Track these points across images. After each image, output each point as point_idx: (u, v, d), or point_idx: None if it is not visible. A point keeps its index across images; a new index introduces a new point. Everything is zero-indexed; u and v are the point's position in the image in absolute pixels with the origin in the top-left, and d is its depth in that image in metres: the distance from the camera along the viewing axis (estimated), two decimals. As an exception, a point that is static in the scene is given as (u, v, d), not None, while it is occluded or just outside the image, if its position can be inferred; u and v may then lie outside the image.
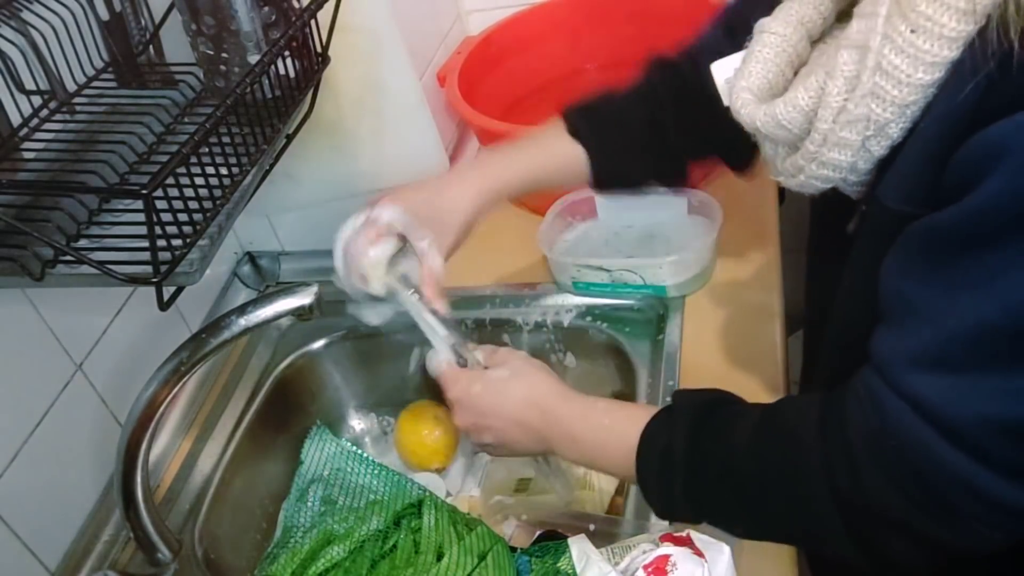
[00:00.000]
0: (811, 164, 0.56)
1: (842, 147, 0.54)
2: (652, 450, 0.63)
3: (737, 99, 0.60)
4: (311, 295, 0.72)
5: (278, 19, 0.75)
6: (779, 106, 0.56)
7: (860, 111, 0.51)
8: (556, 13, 1.26)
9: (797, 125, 0.56)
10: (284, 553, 0.65)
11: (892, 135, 0.52)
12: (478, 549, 0.63)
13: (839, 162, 0.54)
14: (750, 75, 0.60)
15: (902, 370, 0.50)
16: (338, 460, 0.70)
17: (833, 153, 0.54)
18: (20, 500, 0.74)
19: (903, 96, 0.49)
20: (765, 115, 0.58)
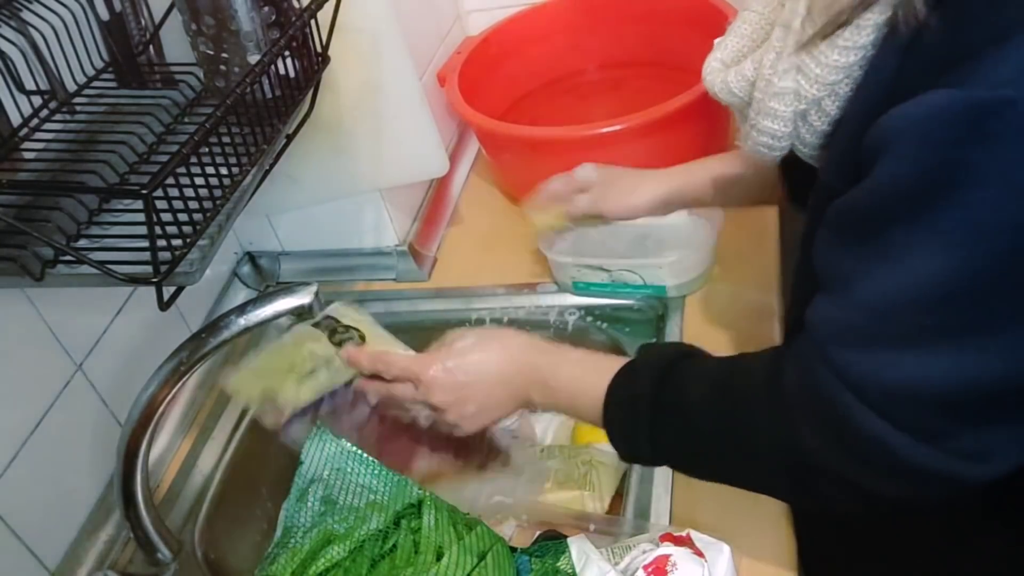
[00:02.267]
0: (753, 131, 0.60)
1: (774, 117, 0.57)
2: (618, 401, 0.66)
3: (707, 66, 0.66)
4: (311, 295, 0.72)
5: (278, 19, 0.75)
6: (731, 74, 0.61)
7: (786, 84, 0.55)
8: (556, 13, 1.26)
9: (745, 93, 0.60)
10: (284, 553, 0.65)
11: (829, 111, 0.54)
12: (478, 548, 0.63)
13: (774, 131, 0.58)
14: (725, 47, 0.65)
15: (825, 339, 0.53)
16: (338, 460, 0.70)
17: (767, 122, 0.58)
18: (20, 500, 0.74)
19: (824, 75, 0.52)
20: (721, 82, 0.63)
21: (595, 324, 0.96)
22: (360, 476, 0.69)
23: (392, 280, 1.08)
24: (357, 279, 1.09)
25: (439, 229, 1.13)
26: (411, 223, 1.10)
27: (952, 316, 0.47)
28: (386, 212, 1.04)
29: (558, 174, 0.92)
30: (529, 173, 1.12)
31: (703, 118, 0.98)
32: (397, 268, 1.07)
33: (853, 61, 0.50)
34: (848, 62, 0.51)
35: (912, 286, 0.47)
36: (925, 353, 0.49)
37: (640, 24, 1.23)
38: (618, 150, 1.02)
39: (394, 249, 1.07)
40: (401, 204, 1.07)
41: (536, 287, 1.01)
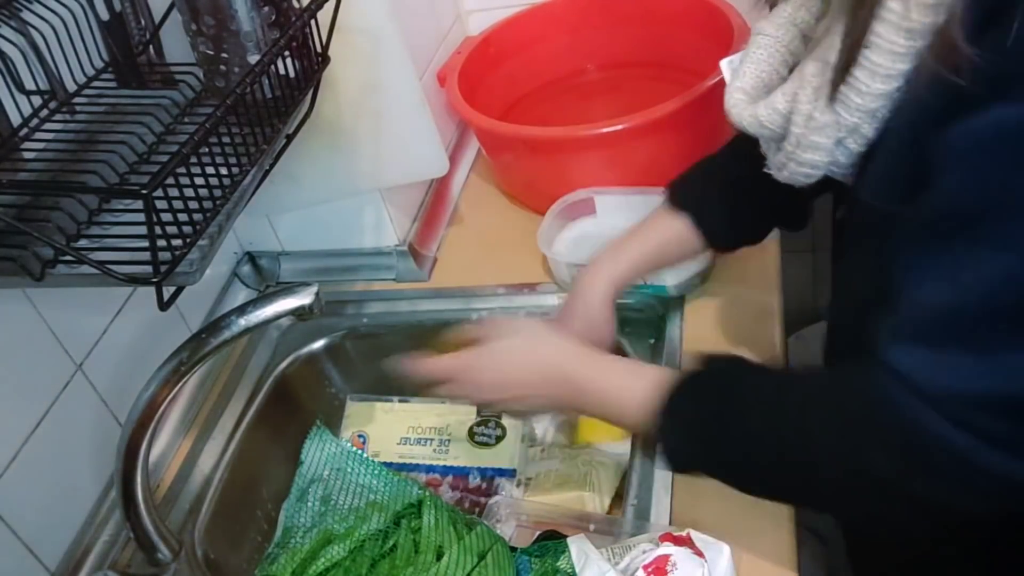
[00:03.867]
0: (791, 162, 0.60)
1: (815, 149, 0.58)
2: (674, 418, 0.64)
3: (730, 98, 0.65)
4: (311, 295, 0.72)
5: (278, 19, 0.75)
6: (761, 108, 0.61)
7: (827, 118, 0.56)
8: (556, 13, 1.26)
9: (777, 125, 0.60)
10: (284, 553, 0.65)
11: (866, 134, 0.55)
12: (478, 548, 0.63)
13: (815, 162, 0.58)
14: (744, 75, 0.65)
15: (887, 344, 0.53)
16: (338, 460, 0.70)
17: (807, 155, 0.58)
18: (20, 500, 0.74)
19: (866, 103, 0.53)
20: (750, 116, 0.62)
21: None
22: (360, 476, 0.69)
23: (392, 280, 1.08)
24: (357, 279, 1.09)
25: (439, 229, 1.13)
26: (411, 223, 1.10)
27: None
28: (386, 212, 1.04)
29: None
30: (529, 173, 1.12)
31: (703, 118, 0.98)
32: (397, 268, 1.07)
33: (894, 87, 0.52)
34: (889, 89, 0.52)
35: (983, 291, 0.48)
36: (995, 358, 0.49)
37: (640, 24, 1.23)
38: (618, 150, 1.02)
39: (394, 249, 1.07)
40: (401, 204, 1.07)
41: (536, 287, 1.01)
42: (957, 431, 0.50)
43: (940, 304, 0.50)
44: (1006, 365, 0.48)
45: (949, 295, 0.49)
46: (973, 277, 0.48)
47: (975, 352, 0.49)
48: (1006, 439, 0.50)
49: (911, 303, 0.52)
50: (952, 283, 0.49)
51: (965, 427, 0.50)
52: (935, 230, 0.50)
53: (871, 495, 0.57)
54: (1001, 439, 0.50)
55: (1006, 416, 0.49)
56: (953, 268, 0.49)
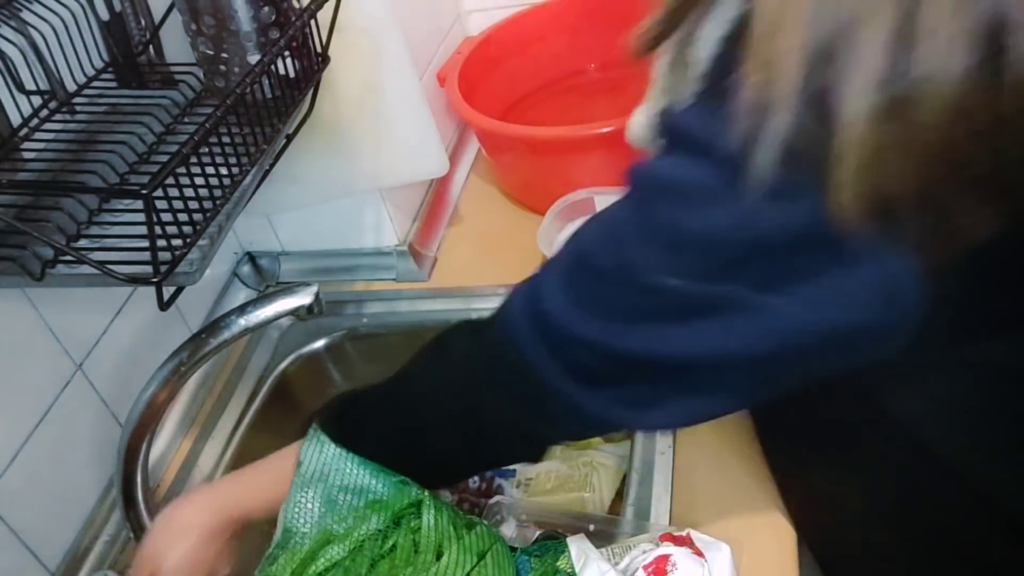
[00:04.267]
0: None
1: None
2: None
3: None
4: (311, 295, 0.72)
5: (278, 19, 0.75)
6: (635, 117, 0.65)
7: None
8: (556, 13, 1.26)
9: (644, 139, 0.63)
10: (284, 553, 0.65)
11: None
12: (477, 548, 0.63)
13: None
14: (640, 111, 0.67)
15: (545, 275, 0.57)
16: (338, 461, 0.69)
17: None
18: (20, 500, 0.74)
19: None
20: (637, 126, 0.65)
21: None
22: (359, 476, 0.69)
23: (392, 280, 1.08)
24: (357, 279, 1.09)
25: (439, 229, 1.13)
26: (411, 223, 1.10)
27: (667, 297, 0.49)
28: (386, 212, 1.04)
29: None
30: (529, 173, 1.12)
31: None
32: (397, 268, 1.07)
33: None
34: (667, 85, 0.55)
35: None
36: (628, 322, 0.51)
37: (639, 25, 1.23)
38: (618, 150, 1.02)
39: (394, 249, 1.07)
40: (401, 204, 1.07)
41: (536, 287, 1.01)
42: (566, 377, 0.54)
43: (592, 256, 0.52)
44: (641, 334, 0.50)
45: (602, 251, 0.52)
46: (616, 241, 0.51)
47: (613, 310, 0.51)
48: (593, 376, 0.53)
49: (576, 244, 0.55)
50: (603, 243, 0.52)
51: (578, 373, 0.53)
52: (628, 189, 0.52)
53: (491, 439, 0.61)
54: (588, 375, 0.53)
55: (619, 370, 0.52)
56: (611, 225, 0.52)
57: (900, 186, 0.40)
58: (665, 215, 0.47)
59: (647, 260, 0.48)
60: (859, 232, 0.41)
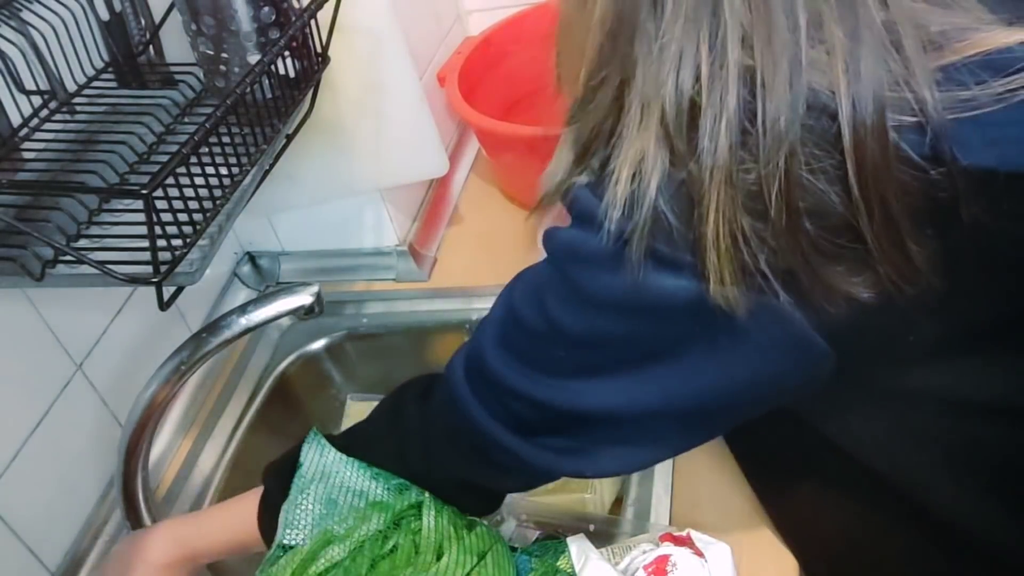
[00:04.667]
0: None
1: None
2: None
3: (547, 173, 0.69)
4: (311, 295, 0.72)
5: (278, 19, 0.75)
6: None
7: None
8: (556, 13, 1.26)
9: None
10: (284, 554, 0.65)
11: None
12: (478, 548, 0.63)
13: None
14: None
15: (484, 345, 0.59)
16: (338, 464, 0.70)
17: None
18: (21, 500, 0.74)
19: None
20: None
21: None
22: (359, 478, 0.69)
23: (392, 280, 1.08)
24: (357, 279, 1.09)
25: (439, 229, 1.13)
26: (411, 223, 1.10)
27: (576, 353, 0.52)
28: (386, 212, 1.04)
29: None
30: (529, 173, 1.12)
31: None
32: (397, 268, 1.07)
33: None
34: None
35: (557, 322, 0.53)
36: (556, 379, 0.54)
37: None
38: (618, 150, 1.02)
39: (394, 249, 1.07)
40: (401, 204, 1.07)
41: (536, 287, 1.01)
42: (483, 411, 0.57)
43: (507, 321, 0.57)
44: (568, 388, 0.53)
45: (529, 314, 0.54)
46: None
47: (537, 369, 0.54)
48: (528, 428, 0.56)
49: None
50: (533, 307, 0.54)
51: (490, 410, 0.57)
52: None
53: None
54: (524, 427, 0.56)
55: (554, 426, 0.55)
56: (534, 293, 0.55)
57: (765, 264, 0.43)
58: (573, 277, 0.50)
59: (563, 318, 0.51)
60: (743, 304, 0.44)
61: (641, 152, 0.45)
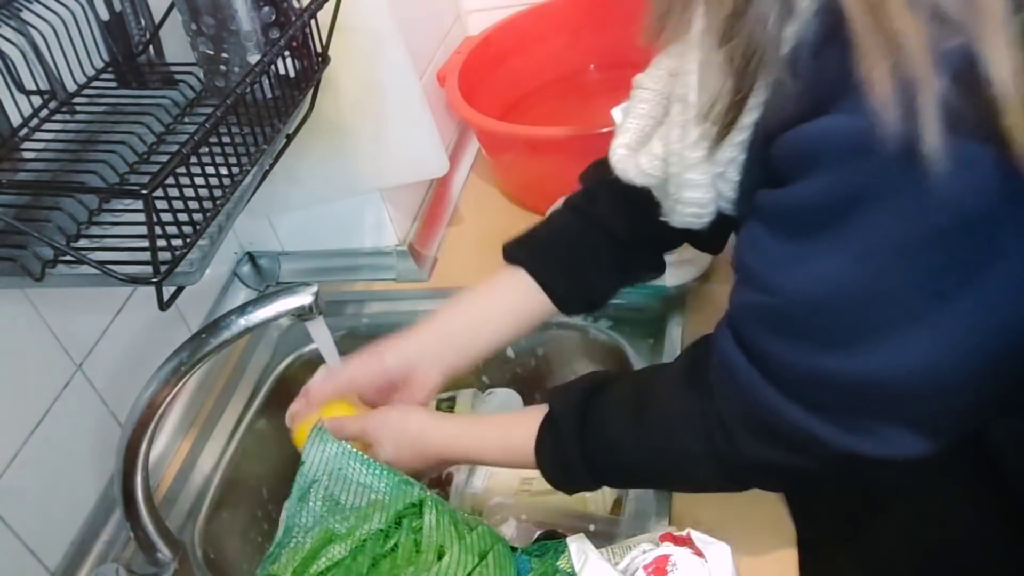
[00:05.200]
0: (677, 205, 0.60)
1: (693, 187, 0.58)
2: (552, 465, 0.67)
3: (614, 155, 0.65)
4: (311, 295, 0.72)
5: (278, 19, 0.75)
6: (642, 157, 0.62)
7: (698, 154, 0.56)
8: (556, 13, 1.26)
9: (659, 171, 0.61)
10: (285, 552, 0.65)
11: (742, 163, 0.55)
12: (479, 548, 0.63)
13: (697, 199, 0.58)
14: (627, 131, 0.65)
15: (741, 322, 0.56)
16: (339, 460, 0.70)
17: (687, 192, 0.58)
18: (20, 500, 0.74)
19: (734, 136, 0.53)
20: (634, 166, 0.62)
21: (595, 324, 0.96)
22: (361, 476, 0.69)
23: (392, 280, 1.08)
24: (357, 279, 1.09)
25: (439, 229, 1.13)
26: (411, 223, 1.10)
27: (861, 316, 0.49)
28: (386, 212, 1.04)
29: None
30: (529, 173, 1.12)
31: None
32: (397, 268, 1.07)
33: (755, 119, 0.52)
34: (748, 137, 0.53)
35: (828, 286, 0.49)
36: (827, 346, 0.50)
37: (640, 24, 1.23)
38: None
39: (394, 249, 1.07)
40: (401, 204, 1.07)
41: (536, 287, 1.01)
42: (804, 412, 0.53)
43: (792, 290, 0.51)
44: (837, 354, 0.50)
45: (799, 284, 0.50)
46: (823, 271, 0.49)
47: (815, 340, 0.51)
48: (833, 410, 0.53)
49: (764, 286, 0.53)
50: (805, 274, 0.50)
51: (811, 408, 0.53)
52: (796, 220, 0.50)
53: (734, 465, 0.60)
54: (829, 410, 0.53)
55: (837, 393, 0.52)
56: (809, 260, 0.49)
57: None
58: (859, 227, 0.46)
59: (844, 273, 0.48)
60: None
61: (892, 35, 0.40)
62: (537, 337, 1.00)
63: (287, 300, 0.71)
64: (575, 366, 1.00)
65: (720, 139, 0.54)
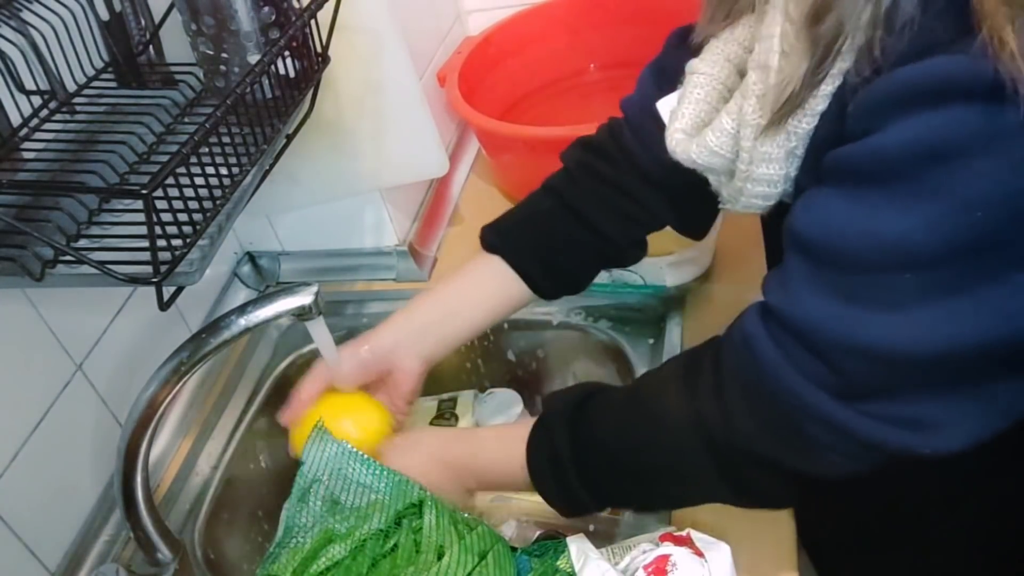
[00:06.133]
0: (747, 183, 0.58)
1: (768, 161, 0.55)
2: (540, 460, 0.66)
3: (671, 139, 0.63)
4: (311, 295, 0.72)
5: (278, 19, 0.75)
6: (708, 134, 0.59)
7: (768, 149, 0.54)
8: (556, 13, 1.26)
9: (728, 148, 0.59)
10: (285, 552, 0.65)
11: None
12: (479, 548, 0.63)
13: (769, 176, 0.56)
14: (683, 116, 0.63)
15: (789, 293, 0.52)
16: (339, 460, 0.70)
17: (761, 168, 0.56)
18: (20, 500, 0.74)
19: (813, 105, 0.51)
20: (698, 147, 0.60)
21: (595, 324, 0.96)
22: (361, 476, 0.69)
23: (392, 280, 1.08)
24: (357, 279, 1.09)
25: (439, 229, 1.13)
26: (411, 223, 1.10)
27: (928, 275, 0.45)
28: (386, 212, 1.04)
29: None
30: (529, 173, 1.12)
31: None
32: (397, 268, 1.07)
33: (838, 83, 0.50)
34: (825, 108, 0.51)
35: (881, 247, 0.46)
36: (884, 311, 0.47)
37: (640, 24, 1.23)
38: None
39: (394, 249, 1.07)
40: (401, 204, 1.07)
41: (536, 287, 1.01)
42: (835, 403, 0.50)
43: (849, 247, 0.48)
44: (910, 320, 0.46)
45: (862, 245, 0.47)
46: (879, 230, 0.46)
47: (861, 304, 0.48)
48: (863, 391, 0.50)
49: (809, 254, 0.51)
50: (867, 236, 0.47)
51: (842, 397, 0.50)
52: (853, 180, 0.48)
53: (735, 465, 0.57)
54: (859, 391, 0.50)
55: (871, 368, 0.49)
56: (870, 220, 0.47)
57: None
58: (932, 181, 0.43)
59: (916, 232, 0.44)
60: None
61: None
62: (537, 338, 1.00)
63: (287, 300, 0.71)
64: (575, 366, 1.00)
65: (797, 106, 0.51)
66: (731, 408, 0.56)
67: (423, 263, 1.07)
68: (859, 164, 0.47)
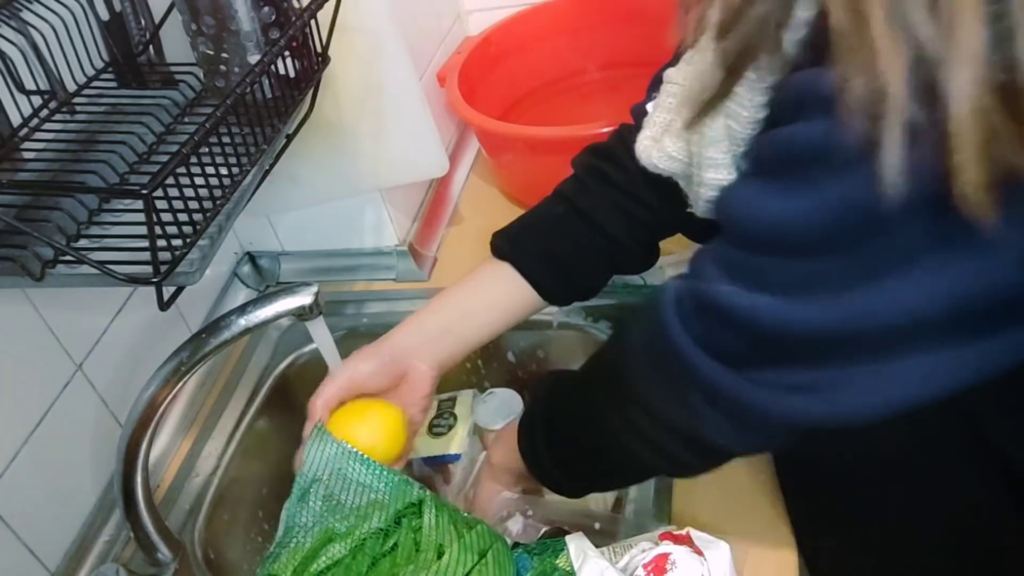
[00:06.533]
0: (700, 188, 0.59)
1: (715, 167, 0.56)
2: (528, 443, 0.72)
3: (639, 146, 0.65)
4: (311, 295, 0.72)
5: (278, 19, 0.75)
6: (666, 139, 0.61)
7: (716, 132, 0.55)
8: (556, 13, 1.26)
9: (684, 154, 0.60)
10: (285, 551, 0.65)
11: None
12: (478, 547, 0.63)
13: (718, 180, 0.56)
14: (653, 124, 0.65)
15: (700, 273, 0.53)
16: (339, 460, 0.70)
17: (709, 173, 0.56)
18: (20, 500, 0.74)
19: (753, 115, 0.52)
20: (658, 152, 0.62)
21: (595, 324, 0.96)
22: (361, 476, 0.69)
23: (392, 280, 1.08)
24: (357, 279, 1.09)
25: (439, 229, 1.13)
26: (411, 223, 1.10)
27: (808, 264, 0.46)
28: (386, 212, 1.04)
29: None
30: (529, 173, 1.12)
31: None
32: (397, 268, 1.07)
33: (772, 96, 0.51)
34: (767, 100, 0.51)
35: (805, 221, 0.46)
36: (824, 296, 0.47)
37: (640, 24, 1.23)
38: (618, 150, 1.02)
39: (394, 249, 1.07)
40: (401, 204, 1.07)
41: (536, 287, 1.01)
42: (698, 350, 0.51)
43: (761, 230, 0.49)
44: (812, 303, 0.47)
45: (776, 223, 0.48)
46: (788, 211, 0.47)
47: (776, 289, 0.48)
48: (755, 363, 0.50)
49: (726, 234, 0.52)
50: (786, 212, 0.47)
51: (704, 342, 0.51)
52: (763, 169, 0.50)
53: (660, 438, 0.58)
54: (749, 362, 0.50)
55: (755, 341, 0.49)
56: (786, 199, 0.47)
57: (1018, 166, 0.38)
58: (818, 176, 0.44)
59: (793, 221, 0.46)
60: (987, 214, 0.39)
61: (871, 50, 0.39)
62: (537, 338, 1.00)
63: (287, 300, 0.71)
64: (575, 367, 1.00)
65: (712, 109, 0.53)
66: (635, 372, 0.58)
67: (423, 263, 1.07)
68: (761, 150, 0.50)
